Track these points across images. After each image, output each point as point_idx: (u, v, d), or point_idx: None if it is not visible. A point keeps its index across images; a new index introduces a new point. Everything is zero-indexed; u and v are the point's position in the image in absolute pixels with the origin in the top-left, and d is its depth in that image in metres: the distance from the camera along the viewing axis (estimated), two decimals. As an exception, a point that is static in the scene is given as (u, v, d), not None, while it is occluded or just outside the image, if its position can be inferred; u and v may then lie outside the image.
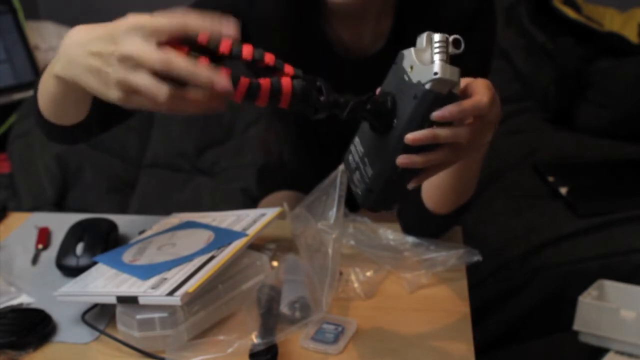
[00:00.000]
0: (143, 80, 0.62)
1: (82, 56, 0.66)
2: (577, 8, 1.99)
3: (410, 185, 0.70)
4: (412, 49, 0.66)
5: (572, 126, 1.83)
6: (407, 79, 0.66)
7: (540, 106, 1.91)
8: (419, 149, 0.66)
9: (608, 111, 1.78)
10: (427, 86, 0.64)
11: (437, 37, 0.65)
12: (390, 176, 0.69)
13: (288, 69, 0.67)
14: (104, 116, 0.87)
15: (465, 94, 0.68)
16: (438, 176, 0.87)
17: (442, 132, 0.65)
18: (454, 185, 0.87)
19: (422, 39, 0.66)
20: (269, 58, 0.66)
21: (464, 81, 0.68)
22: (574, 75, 1.81)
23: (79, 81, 0.67)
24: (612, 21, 2.01)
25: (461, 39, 0.65)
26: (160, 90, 0.62)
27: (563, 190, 1.52)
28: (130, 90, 0.63)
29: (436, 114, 0.64)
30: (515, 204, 1.51)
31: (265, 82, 0.65)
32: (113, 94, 0.64)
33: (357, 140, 0.74)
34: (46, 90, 0.78)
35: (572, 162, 1.69)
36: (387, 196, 0.72)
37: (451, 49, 0.65)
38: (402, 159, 0.66)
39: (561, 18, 1.93)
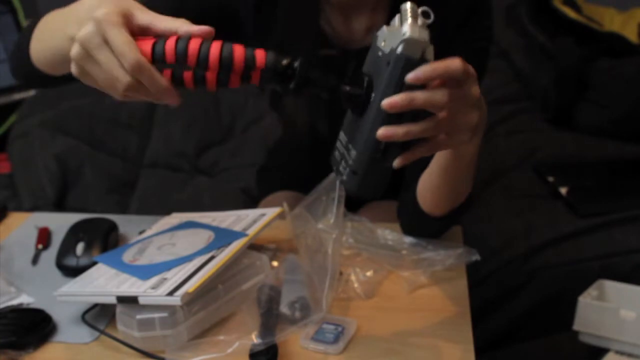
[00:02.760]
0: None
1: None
2: (577, 8, 1.99)
3: (396, 164, 0.69)
4: (384, 27, 0.67)
5: (572, 126, 1.83)
6: (380, 54, 0.67)
7: (540, 106, 1.91)
8: (399, 120, 0.65)
9: (608, 111, 1.78)
10: (399, 50, 0.64)
11: (404, 5, 0.65)
12: (373, 155, 0.68)
13: (260, 55, 0.67)
14: None
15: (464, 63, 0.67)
16: (430, 178, 0.88)
17: (418, 94, 0.65)
18: (446, 187, 0.87)
19: (395, 17, 0.67)
20: (239, 52, 0.67)
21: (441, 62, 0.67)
22: (574, 75, 1.81)
23: None
24: (612, 21, 2.01)
25: (429, 11, 0.65)
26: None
27: (563, 191, 1.52)
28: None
29: (410, 76, 0.64)
30: (515, 204, 1.51)
31: (239, 51, 0.67)
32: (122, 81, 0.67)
33: (341, 134, 0.75)
34: (54, 46, 0.78)
35: (572, 162, 1.69)
36: (372, 178, 0.70)
37: (421, 20, 0.65)
38: (382, 131, 0.66)
39: (561, 18, 1.93)
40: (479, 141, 0.78)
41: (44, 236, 1.07)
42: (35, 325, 0.83)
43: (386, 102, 0.65)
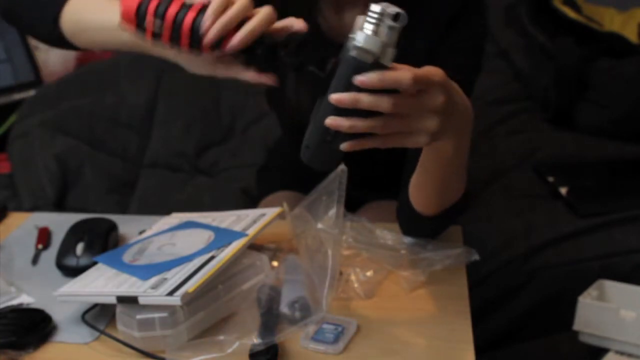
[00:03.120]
0: None
1: None
2: (577, 8, 1.99)
3: (343, 148, 0.70)
4: (360, 16, 0.68)
5: (572, 126, 1.83)
6: (347, 44, 0.69)
7: (540, 106, 1.91)
8: (348, 112, 0.68)
9: (608, 111, 1.78)
10: (351, 52, 0.67)
11: (373, 7, 0.67)
12: (323, 136, 0.70)
13: None
14: None
15: (417, 76, 0.67)
16: (416, 177, 0.88)
17: (364, 97, 0.67)
18: (431, 186, 0.87)
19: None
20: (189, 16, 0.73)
21: (424, 69, 0.68)
22: (574, 75, 1.81)
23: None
24: (612, 21, 2.01)
25: (401, 13, 0.66)
26: None
27: (563, 191, 1.52)
28: None
29: (357, 79, 0.66)
30: (515, 204, 1.51)
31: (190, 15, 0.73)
32: None
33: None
34: (97, 31, 0.86)
35: (572, 162, 1.69)
36: (322, 155, 0.73)
37: (390, 22, 0.66)
38: (329, 120, 0.69)
39: (561, 18, 1.93)
40: (459, 139, 0.78)
41: (44, 236, 1.07)
42: (35, 325, 0.83)
43: (333, 97, 0.67)
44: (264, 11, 0.75)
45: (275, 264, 0.93)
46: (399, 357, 0.78)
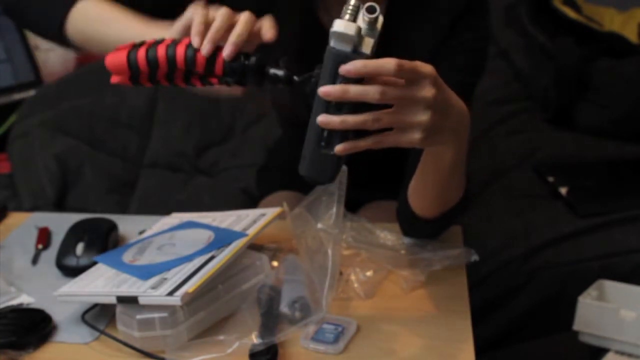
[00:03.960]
0: None
1: None
2: (577, 8, 1.99)
3: (337, 150, 0.70)
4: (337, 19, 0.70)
5: (572, 126, 1.83)
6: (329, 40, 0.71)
7: (540, 106, 1.91)
8: (339, 110, 0.69)
9: (608, 111, 1.78)
10: (330, 43, 0.68)
11: (350, 1, 0.69)
12: (318, 142, 0.71)
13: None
14: None
15: (403, 64, 0.68)
16: (415, 180, 0.88)
17: (351, 88, 0.67)
18: (429, 189, 0.87)
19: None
20: (180, 52, 0.77)
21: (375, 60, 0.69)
22: (574, 75, 1.81)
23: None
24: (612, 21, 2.01)
25: (375, 6, 0.68)
26: None
27: (563, 191, 1.52)
28: None
29: (341, 68, 0.67)
30: (515, 204, 1.51)
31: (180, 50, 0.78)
32: None
33: None
34: (102, 44, 0.89)
35: (572, 162, 1.69)
36: (318, 163, 0.72)
37: (366, 14, 0.68)
38: (320, 118, 0.69)
39: (561, 18, 1.93)
40: (458, 144, 0.78)
41: (44, 236, 1.07)
42: (35, 325, 0.83)
43: (322, 90, 0.68)
44: (245, 16, 0.78)
45: (275, 264, 0.93)
46: (399, 357, 0.78)
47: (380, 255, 0.94)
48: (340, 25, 0.67)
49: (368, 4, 0.68)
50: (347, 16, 0.68)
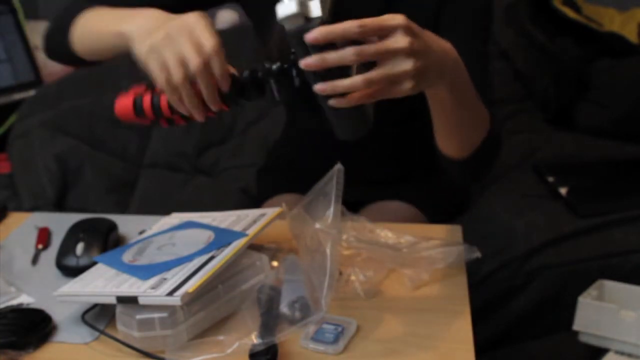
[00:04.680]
0: None
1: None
2: (576, 8, 1.99)
3: (336, 103, 0.73)
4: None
5: (572, 126, 1.83)
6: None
7: (540, 106, 1.91)
8: (330, 76, 0.71)
9: (608, 111, 1.78)
10: (285, 27, 0.70)
11: None
12: (327, 104, 0.74)
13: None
14: None
15: (366, 22, 0.70)
16: (435, 126, 0.91)
17: (328, 55, 0.70)
18: (450, 130, 0.90)
19: None
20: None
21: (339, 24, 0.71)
22: (574, 75, 1.81)
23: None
24: (612, 21, 2.01)
25: None
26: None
27: (563, 191, 1.52)
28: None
29: (308, 38, 0.69)
30: (515, 204, 1.51)
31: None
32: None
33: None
34: (99, 37, 0.92)
35: (572, 162, 1.69)
36: (341, 124, 0.77)
37: None
38: (317, 86, 0.72)
39: (561, 18, 1.93)
40: (449, 83, 0.80)
41: (44, 236, 1.07)
42: (35, 325, 0.83)
43: (302, 63, 0.71)
44: (215, 63, 0.77)
45: (275, 264, 0.93)
46: (399, 357, 0.78)
47: (381, 255, 0.94)
48: (283, 10, 0.69)
49: None
50: None
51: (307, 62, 0.70)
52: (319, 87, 0.72)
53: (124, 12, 0.88)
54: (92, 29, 0.95)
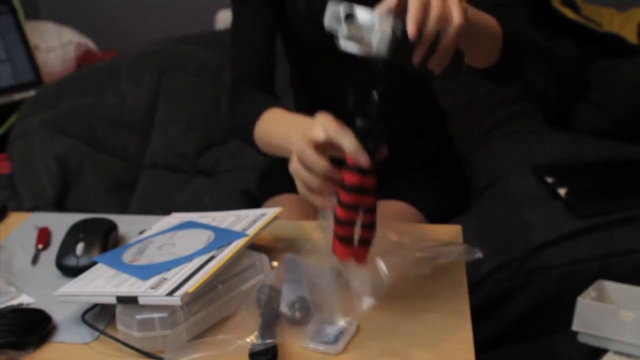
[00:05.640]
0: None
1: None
2: (576, 8, 1.99)
3: (437, 66, 0.78)
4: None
5: (572, 127, 1.83)
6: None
7: (539, 107, 1.91)
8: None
9: (607, 111, 1.78)
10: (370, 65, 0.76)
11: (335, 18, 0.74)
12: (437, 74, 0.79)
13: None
14: None
15: None
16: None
17: (415, 15, 0.73)
18: (474, 48, 0.93)
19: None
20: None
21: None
22: (573, 76, 1.81)
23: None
24: (612, 21, 2.01)
25: (349, 12, 0.74)
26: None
27: (562, 191, 1.52)
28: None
29: (410, 34, 0.73)
30: (515, 205, 1.51)
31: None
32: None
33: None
34: (276, 144, 1.03)
35: (571, 163, 1.69)
36: (450, 72, 0.81)
37: (346, 22, 0.73)
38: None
39: (560, 18, 1.93)
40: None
41: (44, 236, 1.07)
42: (35, 325, 0.83)
43: (416, 56, 0.75)
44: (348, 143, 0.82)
45: (275, 264, 0.93)
46: (399, 357, 0.78)
47: (381, 255, 0.94)
48: (350, 48, 0.74)
49: (343, 11, 0.73)
50: (343, 34, 0.73)
51: (413, 33, 0.72)
52: (437, 60, 0.76)
53: (285, 128, 0.98)
54: (269, 145, 1.06)
